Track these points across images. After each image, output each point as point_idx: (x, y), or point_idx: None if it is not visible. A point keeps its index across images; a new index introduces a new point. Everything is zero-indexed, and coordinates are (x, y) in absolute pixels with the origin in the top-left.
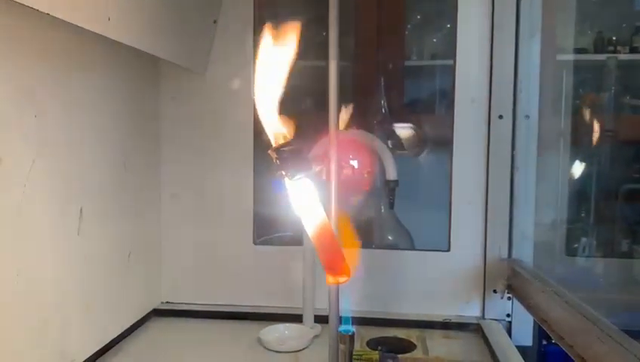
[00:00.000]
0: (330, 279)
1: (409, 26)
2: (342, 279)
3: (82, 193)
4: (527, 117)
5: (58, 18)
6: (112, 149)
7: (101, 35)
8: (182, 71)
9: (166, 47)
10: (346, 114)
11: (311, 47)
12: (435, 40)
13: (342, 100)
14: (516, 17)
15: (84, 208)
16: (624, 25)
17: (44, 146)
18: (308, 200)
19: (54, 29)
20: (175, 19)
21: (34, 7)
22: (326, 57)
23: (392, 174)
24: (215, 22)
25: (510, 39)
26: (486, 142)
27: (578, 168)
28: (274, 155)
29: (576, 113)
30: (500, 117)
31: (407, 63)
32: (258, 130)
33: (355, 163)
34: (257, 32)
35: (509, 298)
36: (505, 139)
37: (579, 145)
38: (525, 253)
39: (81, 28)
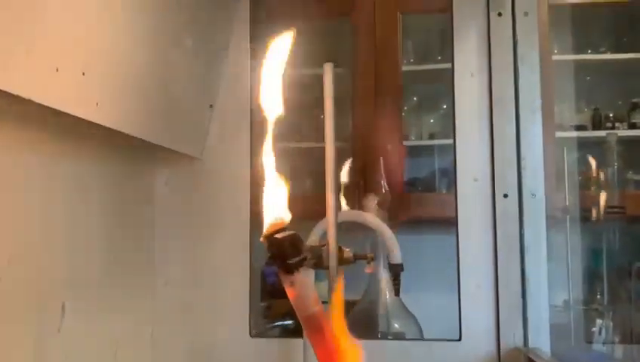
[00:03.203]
0: None
1: (406, 108)
2: None
3: (65, 287)
4: (534, 195)
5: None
6: (99, 239)
7: None
8: (177, 155)
9: (158, 132)
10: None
11: (309, 129)
12: (432, 120)
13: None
14: (515, 94)
15: (67, 303)
16: (620, 102)
17: (22, 238)
18: (302, 292)
19: (38, 113)
20: (168, 104)
21: (14, 93)
22: (324, 139)
23: (396, 258)
24: (211, 106)
25: (510, 116)
26: (492, 221)
27: (588, 246)
28: (265, 243)
29: (582, 190)
30: (505, 196)
31: (406, 143)
32: (255, 216)
33: None
34: (254, 116)
35: None
36: (512, 218)
37: (587, 223)
38: (542, 339)
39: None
